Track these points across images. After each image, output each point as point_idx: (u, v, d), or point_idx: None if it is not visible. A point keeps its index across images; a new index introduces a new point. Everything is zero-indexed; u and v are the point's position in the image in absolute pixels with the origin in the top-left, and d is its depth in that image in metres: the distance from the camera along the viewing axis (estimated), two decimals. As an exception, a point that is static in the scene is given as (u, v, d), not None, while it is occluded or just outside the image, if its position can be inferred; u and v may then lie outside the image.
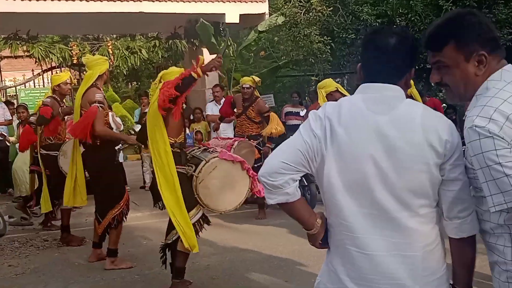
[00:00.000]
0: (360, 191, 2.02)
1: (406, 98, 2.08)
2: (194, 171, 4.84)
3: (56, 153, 6.89)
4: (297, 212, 2.16)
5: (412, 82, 5.17)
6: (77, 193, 6.18)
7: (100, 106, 5.73)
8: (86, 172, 6.15)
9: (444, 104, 10.61)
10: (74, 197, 6.18)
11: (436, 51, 2.06)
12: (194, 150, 5.18)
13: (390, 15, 10.82)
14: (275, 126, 8.26)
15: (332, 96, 7.33)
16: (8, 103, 9.24)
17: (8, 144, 9.29)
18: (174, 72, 5.07)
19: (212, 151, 5.09)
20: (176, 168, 4.82)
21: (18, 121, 9.24)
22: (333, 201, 2.09)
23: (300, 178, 2.11)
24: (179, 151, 4.96)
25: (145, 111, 6.91)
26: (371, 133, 2.00)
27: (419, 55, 2.17)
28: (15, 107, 9.29)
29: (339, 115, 2.06)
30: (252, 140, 8.17)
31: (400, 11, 10.77)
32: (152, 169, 5.22)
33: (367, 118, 2.03)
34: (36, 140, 7.68)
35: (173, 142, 4.91)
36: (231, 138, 8.34)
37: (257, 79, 8.47)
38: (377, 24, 10.56)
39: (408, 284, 2.01)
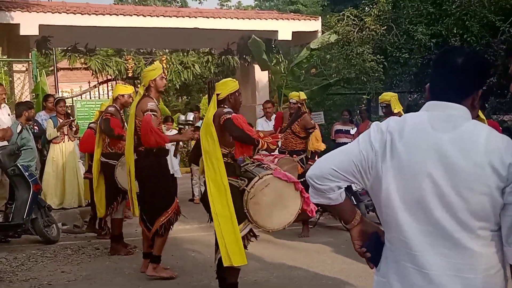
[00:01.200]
0: (419, 208, 2.00)
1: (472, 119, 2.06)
2: (246, 185, 4.85)
3: (115, 163, 6.99)
4: (339, 212, 2.23)
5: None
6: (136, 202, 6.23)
7: (153, 114, 5.83)
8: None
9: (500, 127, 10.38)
10: (135, 206, 6.22)
11: None
12: (247, 164, 5.18)
13: (445, 35, 10.68)
14: (314, 141, 8.24)
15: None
16: (68, 115, 9.49)
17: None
18: (220, 84, 5.24)
19: (266, 168, 5.10)
20: (228, 179, 4.86)
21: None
22: (391, 217, 2.07)
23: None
24: (232, 162, 5.01)
25: (197, 124, 6.97)
26: (431, 151, 1.98)
27: (487, 77, 2.14)
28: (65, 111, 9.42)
29: (402, 131, 2.05)
30: (294, 156, 8.18)
31: (455, 31, 10.63)
32: (203, 181, 5.29)
33: (429, 136, 2.01)
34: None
35: (227, 152, 4.97)
36: (273, 155, 8.38)
37: (303, 96, 8.47)
38: (432, 44, 10.45)
39: None
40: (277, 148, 8.61)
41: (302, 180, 8.06)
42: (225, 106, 5.10)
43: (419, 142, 2.01)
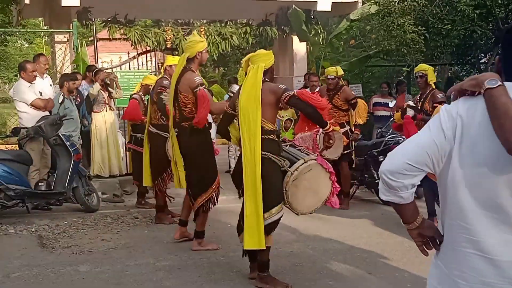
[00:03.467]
0: (485, 194, 1.97)
1: None
2: (290, 167, 4.84)
3: (167, 135, 6.79)
4: (403, 211, 2.17)
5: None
6: (182, 175, 6.19)
7: (204, 87, 5.82)
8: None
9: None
10: (180, 179, 6.19)
11: None
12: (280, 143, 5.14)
13: (489, 6, 10.36)
14: (360, 113, 8.23)
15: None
16: (105, 83, 9.59)
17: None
18: (261, 54, 5.10)
19: (302, 150, 5.09)
20: (271, 156, 4.84)
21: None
22: (454, 201, 2.05)
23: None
24: (277, 139, 4.97)
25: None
26: None
27: None
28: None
29: (473, 116, 1.99)
30: (339, 128, 8.13)
31: (500, 1, 10.30)
32: (239, 154, 5.26)
33: None
34: (140, 118, 7.98)
35: (272, 129, 4.91)
36: (317, 127, 8.33)
37: (340, 72, 8.38)
38: (475, 15, 10.16)
39: None
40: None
41: (346, 152, 8.11)
42: (267, 79, 5.02)
43: (490, 130, 1.94)
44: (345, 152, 8.08)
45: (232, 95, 7.03)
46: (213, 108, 5.87)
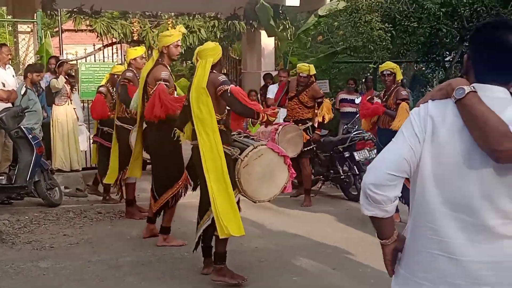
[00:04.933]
0: (454, 194, 1.98)
1: None
2: (240, 154, 4.81)
3: (131, 128, 6.86)
4: (382, 225, 2.14)
5: None
6: (135, 165, 6.33)
7: (165, 84, 5.72)
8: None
9: None
10: (133, 168, 6.31)
11: None
12: (234, 135, 5.15)
13: (454, 4, 10.49)
14: (325, 112, 8.18)
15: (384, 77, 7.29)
16: (69, 76, 9.42)
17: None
18: (209, 49, 4.98)
19: (256, 139, 5.07)
20: (223, 147, 4.80)
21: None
22: (422, 202, 2.05)
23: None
24: (225, 129, 4.93)
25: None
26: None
27: None
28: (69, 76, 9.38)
29: (444, 116, 2.00)
30: (300, 124, 8.14)
31: (465, 0, 10.45)
32: (190, 148, 5.17)
33: None
34: (106, 115, 7.86)
35: (220, 119, 4.86)
36: (277, 123, 8.35)
37: (313, 71, 8.37)
38: (441, 13, 10.28)
39: None
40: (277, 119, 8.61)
41: (307, 149, 8.13)
42: (215, 71, 4.95)
43: (461, 129, 1.95)
44: (305, 149, 8.09)
45: None
46: (171, 106, 5.75)
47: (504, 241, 1.95)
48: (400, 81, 7.43)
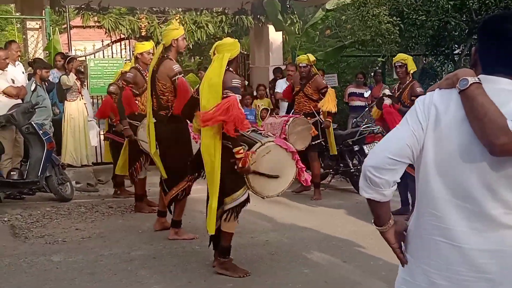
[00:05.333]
0: (456, 182, 1.99)
1: None
2: (248, 151, 4.80)
3: (138, 124, 6.89)
4: (379, 210, 2.16)
5: None
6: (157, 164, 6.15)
7: (182, 75, 5.78)
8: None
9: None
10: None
11: None
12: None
13: (463, -3, 10.46)
14: (328, 101, 8.06)
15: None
16: (78, 72, 9.48)
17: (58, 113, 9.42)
18: (227, 44, 4.98)
19: (263, 134, 5.07)
20: (226, 143, 4.79)
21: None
22: (426, 189, 2.07)
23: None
24: None
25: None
26: None
27: None
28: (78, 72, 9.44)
29: (448, 105, 2.01)
30: (309, 118, 8.13)
31: (474, -7, 10.41)
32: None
33: None
34: (115, 111, 7.89)
35: None
36: (287, 116, 8.35)
37: (312, 58, 8.31)
38: (449, 6, 10.24)
39: (496, 278, 1.96)
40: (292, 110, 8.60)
41: (315, 142, 8.13)
42: (231, 69, 4.95)
43: (463, 119, 1.96)
44: (314, 142, 8.08)
45: None
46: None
47: (506, 230, 1.95)
48: (412, 75, 7.37)
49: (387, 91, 7.51)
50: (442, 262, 2.03)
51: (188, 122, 5.78)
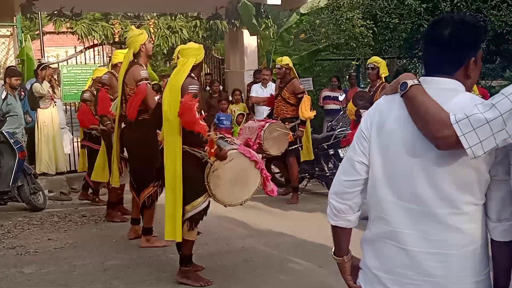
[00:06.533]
0: (402, 184, 2.00)
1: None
2: (210, 157, 4.75)
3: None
4: (341, 238, 2.24)
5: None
6: (112, 170, 6.25)
7: (148, 82, 5.78)
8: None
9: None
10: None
11: None
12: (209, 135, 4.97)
13: (435, 0, 10.56)
14: (304, 109, 8.03)
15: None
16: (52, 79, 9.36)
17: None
18: (192, 49, 4.97)
19: (230, 142, 4.98)
20: (192, 150, 4.77)
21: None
22: (374, 193, 2.09)
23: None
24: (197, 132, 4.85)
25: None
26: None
27: (480, 42, 2.08)
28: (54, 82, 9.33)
29: (390, 110, 2.06)
30: (287, 123, 8.10)
31: (446, -4, 10.51)
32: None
33: None
34: (93, 122, 7.80)
35: None
36: (265, 120, 8.32)
37: (285, 61, 8.24)
38: (422, 9, 10.34)
39: (442, 282, 1.96)
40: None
41: (293, 147, 8.12)
42: (193, 74, 4.91)
43: (405, 118, 2.00)
44: (291, 147, 8.07)
45: None
46: (151, 103, 5.73)
47: (452, 233, 1.95)
48: (384, 78, 7.40)
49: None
50: (391, 264, 2.04)
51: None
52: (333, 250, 2.28)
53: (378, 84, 7.25)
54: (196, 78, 4.97)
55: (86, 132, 8.15)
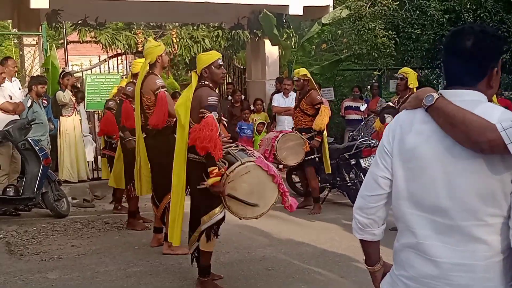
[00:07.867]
0: (425, 197, 2.01)
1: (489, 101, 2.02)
2: (227, 169, 4.68)
3: (135, 138, 6.88)
4: (369, 249, 2.29)
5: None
6: (144, 182, 6.22)
7: (165, 90, 5.92)
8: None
9: None
10: (141, 186, 6.25)
11: None
12: (231, 146, 4.98)
13: (458, 11, 10.51)
14: (321, 120, 7.98)
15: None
16: (74, 87, 9.49)
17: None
18: (199, 57, 5.06)
19: (249, 154, 4.86)
20: (198, 159, 4.76)
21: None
22: (397, 207, 2.11)
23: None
24: None
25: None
26: (440, 139, 1.98)
27: (501, 52, 2.09)
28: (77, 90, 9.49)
29: (412, 123, 2.07)
30: (304, 133, 8.11)
31: (469, 6, 10.44)
32: None
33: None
34: (115, 132, 7.86)
35: None
36: (283, 132, 8.36)
37: (302, 72, 8.20)
38: (445, 19, 10.30)
39: None
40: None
41: (310, 157, 8.12)
42: (204, 82, 4.89)
43: (428, 132, 2.01)
44: (308, 158, 8.07)
45: None
46: (171, 110, 5.79)
47: (476, 244, 1.94)
48: (415, 88, 7.30)
49: (386, 104, 7.47)
50: (416, 274, 2.05)
51: None
52: (364, 259, 2.33)
53: (407, 95, 7.16)
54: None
55: (107, 140, 8.24)
